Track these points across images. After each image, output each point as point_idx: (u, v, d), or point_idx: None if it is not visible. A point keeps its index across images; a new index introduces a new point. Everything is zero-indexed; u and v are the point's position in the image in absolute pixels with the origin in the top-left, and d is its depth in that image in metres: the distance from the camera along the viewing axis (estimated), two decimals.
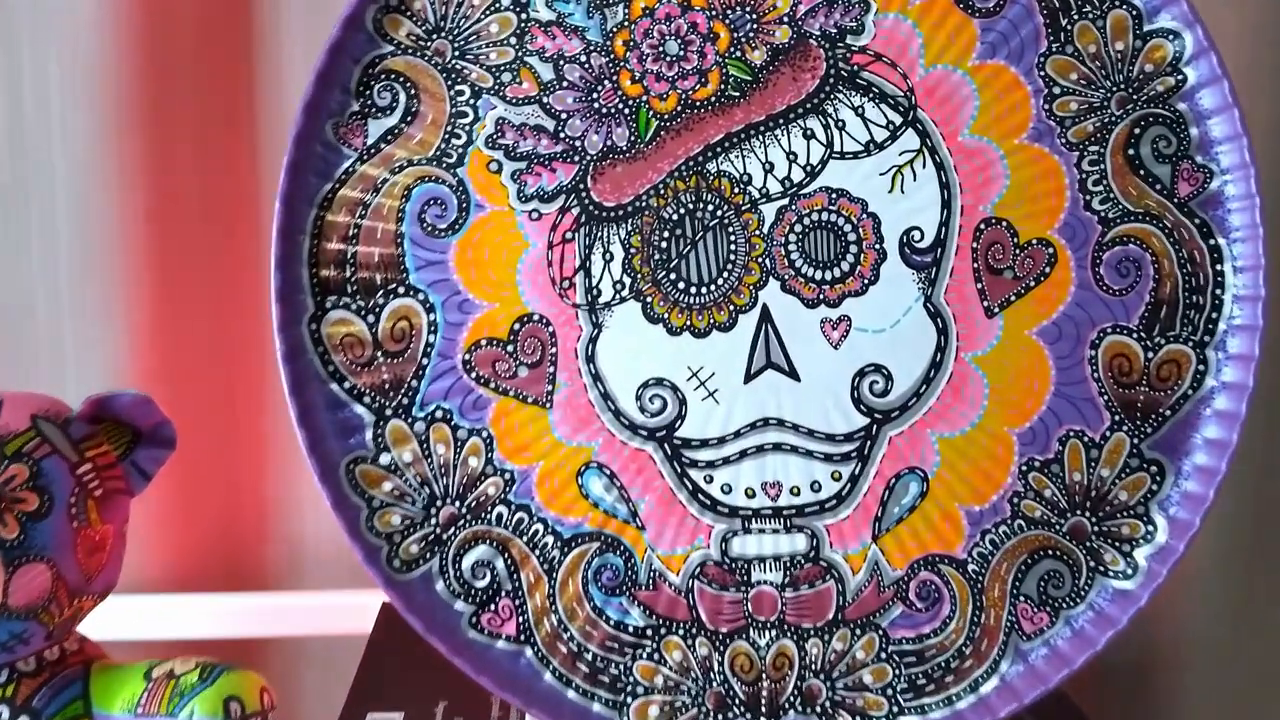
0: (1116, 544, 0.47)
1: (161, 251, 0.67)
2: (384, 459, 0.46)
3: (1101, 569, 0.47)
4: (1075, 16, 0.46)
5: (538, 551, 0.46)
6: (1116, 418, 0.47)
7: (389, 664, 0.57)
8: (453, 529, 0.46)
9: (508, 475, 0.46)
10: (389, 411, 0.46)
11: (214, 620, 0.69)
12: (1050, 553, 0.47)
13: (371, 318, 0.46)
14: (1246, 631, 0.72)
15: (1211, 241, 0.47)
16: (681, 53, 0.46)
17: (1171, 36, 0.46)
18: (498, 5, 0.45)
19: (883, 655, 0.47)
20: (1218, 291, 0.47)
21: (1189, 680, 0.73)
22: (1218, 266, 0.47)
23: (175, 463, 0.70)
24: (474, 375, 0.46)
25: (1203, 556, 0.69)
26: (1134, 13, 0.46)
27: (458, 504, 0.46)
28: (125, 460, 0.45)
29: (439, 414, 0.46)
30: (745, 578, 0.47)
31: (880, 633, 0.47)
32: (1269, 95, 0.49)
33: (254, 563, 0.73)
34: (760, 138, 0.46)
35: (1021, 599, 0.47)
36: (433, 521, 0.46)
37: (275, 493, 0.72)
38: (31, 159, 0.66)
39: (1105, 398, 0.47)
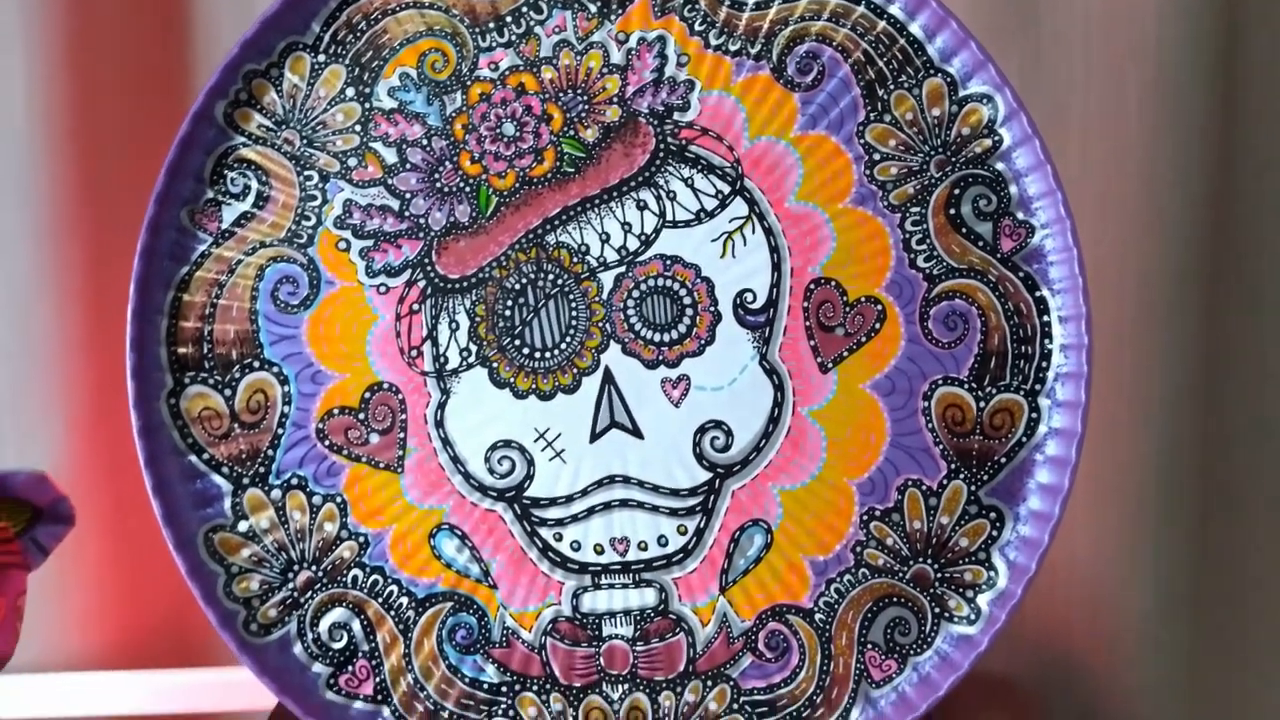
0: (960, 590, 0.48)
1: (99, 347, 0.69)
2: (242, 526, 0.48)
3: (946, 615, 0.48)
4: (892, 86, 0.48)
5: (393, 613, 0.48)
6: (953, 466, 0.48)
7: None
8: (310, 592, 0.48)
9: (362, 539, 0.48)
10: (246, 480, 0.48)
11: (164, 697, 0.70)
12: (895, 600, 0.48)
13: (228, 391, 0.48)
14: (1198, 680, 0.72)
15: (1037, 294, 0.48)
16: (518, 134, 0.48)
17: (985, 100, 0.48)
18: (342, 96, 0.48)
19: (735, 706, 0.48)
20: (1045, 341, 0.48)
21: None
22: (1044, 317, 0.48)
23: (121, 539, 0.71)
24: (327, 443, 0.48)
25: (1149, 601, 0.69)
26: (948, 80, 0.48)
27: (314, 568, 0.48)
28: (24, 535, 0.47)
29: (294, 481, 0.48)
30: (597, 633, 0.48)
31: (731, 684, 0.48)
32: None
33: (204, 638, 0.74)
34: (596, 210, 0.48)
35: (869, 647, 0.48)
36: (290, 586, 0.48)
37: None
38: None
39: (941, 447, 0.48)
